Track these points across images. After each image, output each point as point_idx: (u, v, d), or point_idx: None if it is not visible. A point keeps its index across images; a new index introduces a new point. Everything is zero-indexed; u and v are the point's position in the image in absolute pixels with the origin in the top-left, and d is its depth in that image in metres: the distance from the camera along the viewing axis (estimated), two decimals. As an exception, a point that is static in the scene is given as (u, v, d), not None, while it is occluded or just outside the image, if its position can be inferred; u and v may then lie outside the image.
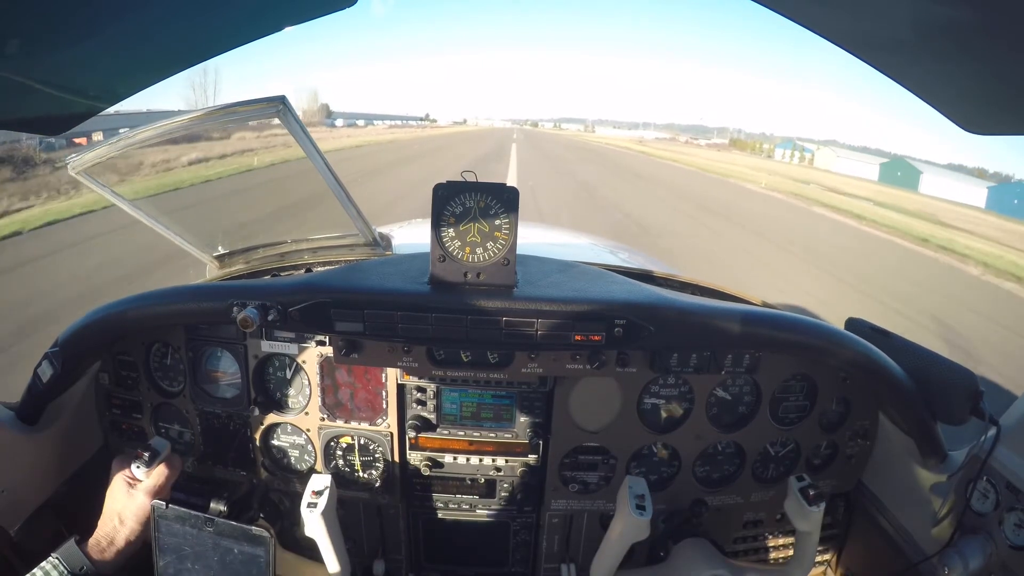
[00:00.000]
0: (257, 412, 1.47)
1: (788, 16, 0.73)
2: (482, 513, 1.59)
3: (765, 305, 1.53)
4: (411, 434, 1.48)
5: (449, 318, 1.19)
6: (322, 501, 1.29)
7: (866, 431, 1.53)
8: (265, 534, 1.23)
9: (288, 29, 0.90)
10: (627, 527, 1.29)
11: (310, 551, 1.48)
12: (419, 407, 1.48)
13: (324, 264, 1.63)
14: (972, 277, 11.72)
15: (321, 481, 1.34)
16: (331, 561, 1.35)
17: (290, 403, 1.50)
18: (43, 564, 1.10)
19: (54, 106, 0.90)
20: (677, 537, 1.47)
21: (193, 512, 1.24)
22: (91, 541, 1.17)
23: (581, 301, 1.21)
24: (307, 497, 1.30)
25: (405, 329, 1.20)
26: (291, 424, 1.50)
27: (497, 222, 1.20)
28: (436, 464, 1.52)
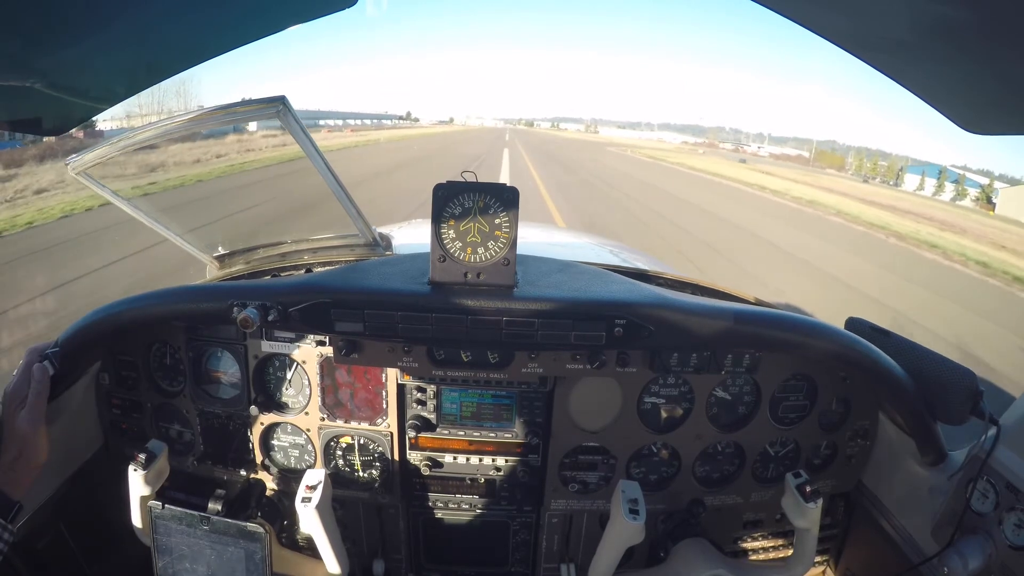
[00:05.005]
0: (257, 412, 1.47)
1: (788, 16, 0.73)
2: (482, 513, 1.59)
3: (764, 305, 1.53)
4: (411, 434, 1.48)
5: (449, 318, 1.19)
6: (316, 496, 1.29)
7: (866, 431, 1.53)
8: (260, 530, 1.24)
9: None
10: (621, 532, 1.29)
11: (310, 550, 1.48)
12: (419, 407, 1.48)
13: (324, 264, 1.63)
14: None
15: (315, 476, 1.34)
16: (328, 556, 1.35)
17: (290, 403, 1.50)
18: None
19: (54, 106, 0.90)
20: (677, 537, 1.47)
21: (189, 511, 1.24)
22: None
23: (581, 301, 1.21)
24: (301, 492, 1.31)
25: (405, 329, 1.20)
26: (291, 424, 1.50)
27: (497, 221, 1.20)
28: (436, 464, 1.52)
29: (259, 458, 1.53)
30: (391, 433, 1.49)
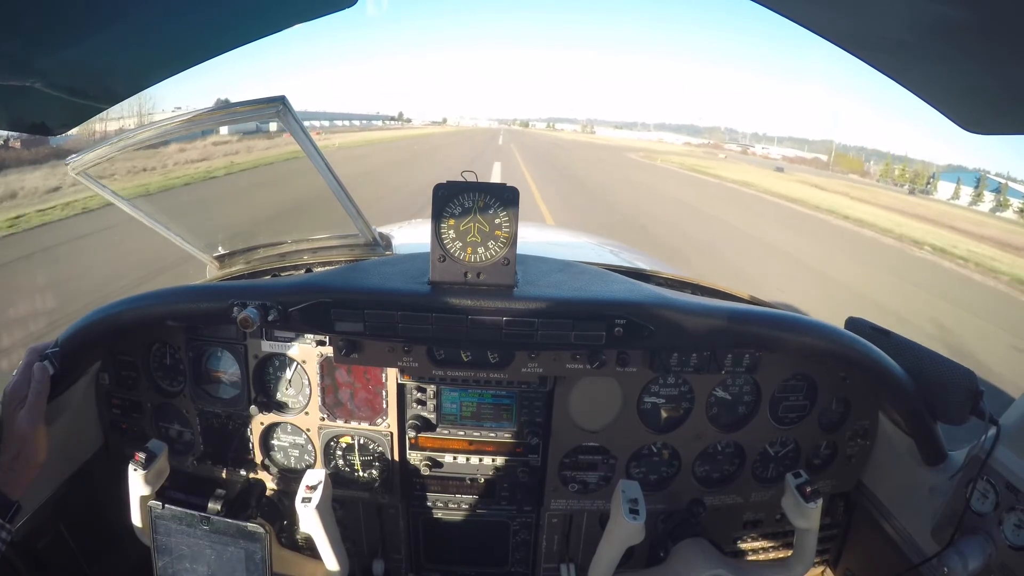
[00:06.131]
0: (257, 412, 1.47)
1: (787, 16, 0.74)
2: (482, 513, 1.59)
3: (762, 305, 1.53)
4: (411, 434, 1.48)
5: (449, 318, 1.19)
6: (316, 496, 1.29)
7: (866, 431, 1.53)
8: (260, 530, 1.24)
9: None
10: (621, 531, 1.29)
11: (310, 550, 1.48)
12: (419, 407, 1.48)
13: (324, 264, 1.63)
14: None
15: (315, 476, 1.34)
16: (328, 556, 1.35)
17: (290, 403, 1.50)
18: None
19: (54, 106, 0.90)
20: (677, 537, 1.47)
21: (189, 511, 1.24)
22: None
23: (581, 301, 1.21)
24: (301, 492, 1.31)
25: (405, 329, 1.20)
26: (291, 424, 1.50)
27: (497, 221, 1.20)
28: (436, 464, 1.52)
29: (259, 458, 1.53)
30: (391, 433, 1.49)
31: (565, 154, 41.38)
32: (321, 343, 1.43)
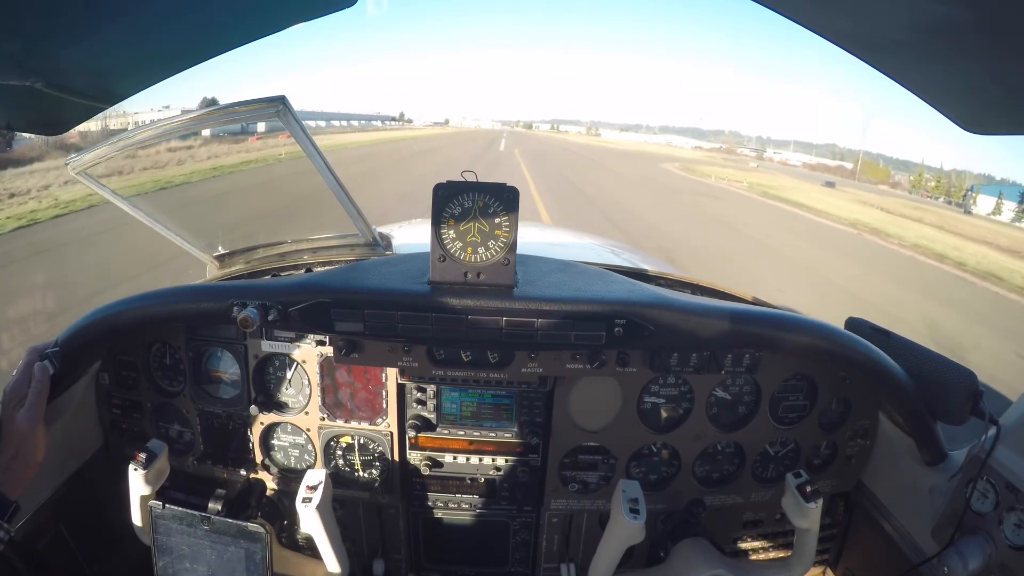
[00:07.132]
0: (257, 412, 1.47)
1: (789, 16, 0.74)
2: (482, 513, 1.59)
3: (763, 305, 1.53)
4: (411, 434, 1.48)
5: (449, 318, 1.19)
6: (317, 496, 1.29)
7: (866, 431, 1.53)
8: (261, 530, 1.24)
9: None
10: (621, 531, 1.29)
11: (310, 550, 1.48)
12: (419, 407, 1.48)
13: (324, 264, 1.63)
14: None
15: (316, 476, 1.34)
16: (328, 556, 1.36)
17: (290, 403, 1.50)
18: None
19: (54, 106, 0.90)
20: (677, 537, 1.47)
21: (189, 511, 1.24)
22: None
23: (581, 301, 1.21)
24: (302, 492, 1.31)
25: (405, 329, 1.20)
26: (291, 424, 1.50)
27: (497, 221, 1.20)
28: (436, 464, 1.52)
29: (259, 458, 1.53)
30: (391, 433, 1.49)
31: (588, 169, 30.87)
32: (321, 343, 1.43)
